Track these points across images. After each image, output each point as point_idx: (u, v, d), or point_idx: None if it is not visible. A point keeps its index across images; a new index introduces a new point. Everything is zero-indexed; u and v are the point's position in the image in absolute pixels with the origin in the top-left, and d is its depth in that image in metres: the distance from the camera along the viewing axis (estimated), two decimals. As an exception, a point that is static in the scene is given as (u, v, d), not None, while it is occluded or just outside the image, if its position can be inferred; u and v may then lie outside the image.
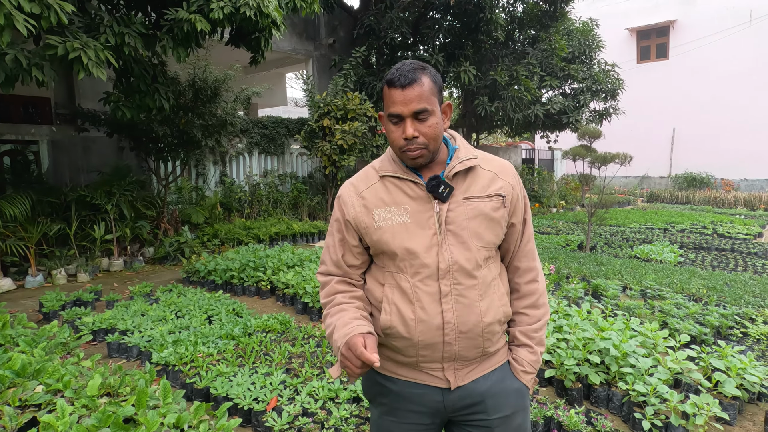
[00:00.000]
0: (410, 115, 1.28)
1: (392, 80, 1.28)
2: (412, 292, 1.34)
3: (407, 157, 1.33)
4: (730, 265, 7.04)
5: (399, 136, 1.31)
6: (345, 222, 1.43)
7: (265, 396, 3.00)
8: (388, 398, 1.43)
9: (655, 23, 20.37)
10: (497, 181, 1.39)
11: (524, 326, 1.46)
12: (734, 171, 19.03)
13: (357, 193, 1.42)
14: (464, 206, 1.35)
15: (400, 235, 1.34)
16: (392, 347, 1.40)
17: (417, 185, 1.36)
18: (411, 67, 1.29)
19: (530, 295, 1.47)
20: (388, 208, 1.36)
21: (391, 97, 1.29)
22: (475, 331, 1.34)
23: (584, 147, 8.16)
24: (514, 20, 12.16)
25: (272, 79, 15.26)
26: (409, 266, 1.34)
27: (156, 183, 8.80)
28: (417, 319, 1.33)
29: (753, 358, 3.09)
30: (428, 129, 1.30)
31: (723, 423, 2.86)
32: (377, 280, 1.43)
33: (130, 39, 4.53)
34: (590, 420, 2.75)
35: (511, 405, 1.40)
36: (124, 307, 4.80)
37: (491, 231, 1.37)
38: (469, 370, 1.39)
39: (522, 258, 1.47)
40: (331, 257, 1.47)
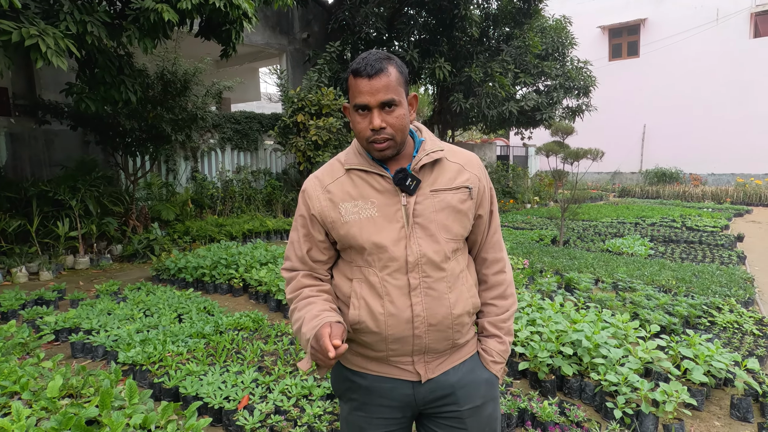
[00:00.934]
0: (377, 106, 1.25)
1: (358, 70, 1.25)
2: (381, 286, 1.31)
3: (374, 148, 1.30)
4: (698, 256, 7.23)
5: (365, 127, 1.28)
6: (310, 217, 1.39)
7: (237, 395, 2.93)
8: (357, 393, 1.40)
9: (626, 21, 20.80)
10: (464, 173, 1.38)
11: (492, 317, 1.46)
12: (702, 166, 19.61)
13: (322, 187, 1.38)
14: (431, 199, 1.33)
15: (368, 229, 1.31)
16: (361, 342, 1.37)
17: (384, 178, 1.33)
18: (377, 56, 1.26)
19: (498, 285, 1.47)
20: (355, 201, 1.34)
21: (357, 87, 1.25)
22: (444, 324, 1.33)
23: (557, 143, 8.26)
24: (489, 17, 12.23)
25: (245, 73, 15.01)
26: (377, 260, 1.32)
27: (124, 178, 8.55)
28: (386, 313, 1.31)
29: (719, 345, 3.16)
30: (395, 120, 1.27)
31: (691, 408, 2.92)
32: (345, 275, 1.40)
33: (93, 28, 4.35)
34: (563, 411, 2.76)
35: (481, 395, 1.40)
36: (89, 306, 4.64)
37: (459, 223, 1.36)
38: (439, 363, 1.38)
39: (489, 249, 1.47)
40: (296, 253, 1.43)
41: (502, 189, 15.74)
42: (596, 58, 19.65)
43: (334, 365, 1.46)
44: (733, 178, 18.92)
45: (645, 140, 20.95)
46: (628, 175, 21.42)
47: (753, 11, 18.23)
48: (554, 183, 16.18)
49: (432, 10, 11.15)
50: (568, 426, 2.57)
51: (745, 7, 18.32)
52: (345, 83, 11.20)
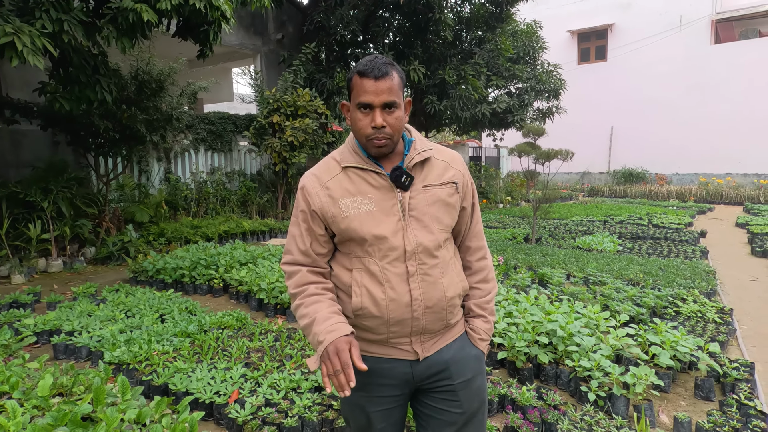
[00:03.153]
0: (380, 106, 1.37)
1: (365, 71, 1.36)
2: (382, 274, 1.43)
3: (373, 145, 1.41)
4: (664, 252, 7.55)
5: (367, 124, 1.39)
6: (311, 212, 1.48)
7: (227, 389, 2.98)
8: (359, 375, 1.48)
9: (594, 26, 21.42)
10: (450, 170, 1.52)
11: (477, 299, 1.60)
12: (667, 166, 20.34)
13: (321, 184, 1.48)
14: (424, 193, 1.46)
15: (368, 223, 1.42)
16: (363, 326, 1.48)
17: (379, 175, 1.45)
18: (383, 61, 1.38)
19: (481, 270, 1.62)
20: (353, 197, 1.44)
21: (363, 86, 1.36)
22: (439, 306, 1.46)
23: (529, 144, 8.51)
24: (462, 21, 12.45)
25: (218, 73, 14.88)
26: (377, 250, 1.43)
27: (96, 180, 8.40)
28: (387, 298, 1.42)
29: (684, 332, 3.38)
30: (394, 120, 1.40)
31: (659, 390, 3.12)
32: (344, 266, 1.50)
33: (69, 26, 4.31)
34: (541, 395, 2.91)
35: (471, 369, 1.53)
36: (68, 308, 4.58)
37: (448, 215, 1.50)
38: (434, 342, 1.50)
39: (473, 238, 1.62)
40: (299, 246, 1.52)
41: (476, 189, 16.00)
42: (565, 62, 20.18)
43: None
44: (697, 177, 19.70)
45: (612, 141, 21.62)
46: (596, 175, 22.05)
47: (714, 18, 19.05)
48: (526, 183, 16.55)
49: (406, 14, 11.29)
50: (546, 409, 2.72)
51: (707, 14, 19.12)
52: (320, 84, 11.33)
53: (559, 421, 2.61)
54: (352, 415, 1.56)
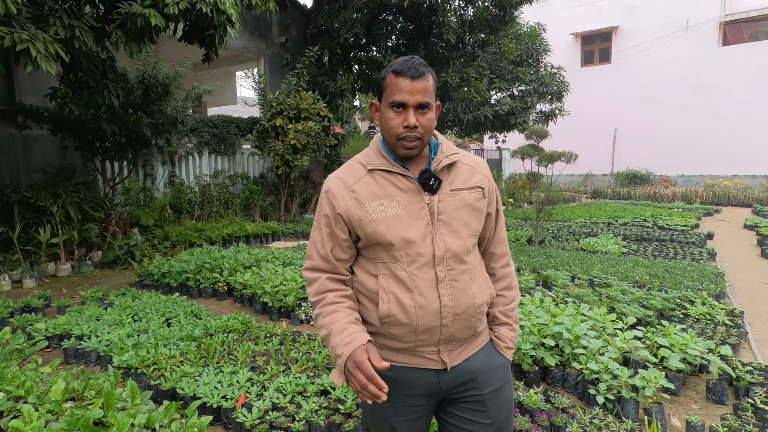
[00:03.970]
0: (414, 106, 1.36)
1: (402, 70, 1.35)
2: (410, 280, 1.39)
3: (402, 146, 1.39)
4: (670, 254, 7.52)
5: (399, 123, 1.37)
6: (335, 216, 1.45)
7: (233, 394, 2.99)
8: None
9: (598, 29, 21.40)
10: (476, 175, 1.51)
11: (502, 306, 1.57)
12: (672, 168, 20.27)
13: (346, 187, 1.45)
14: (452, 197, 1.44)
15: (396, 226, 1.39)
16: (389, 335, 1.44)
17: (407, 178, 1.42)
18: (419, 62, 1.37)
19: (506, 278, 1.60)
20: (380, 200, 1.41)
21: (398, 85, 1.35)
22: (468, 313, 1.43)
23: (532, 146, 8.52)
24: (465, 24, 12.46)
25: (222, 77, 14.94)
26: (405, 255, 1.40)
27: (102, 184, 8.45)
28: (417, 305, 1.39)
29: (694, 335, 3.36)
30: (427, 122, 1.38)
31: (670, 393, 3.11)
32: (369, 272, 1.47)
33: (80, 32, 4.34)
34: (548, 398, 2.91)
35: (499, 378, 1.50)
36: (77, 312, 4.61)
37: (476, 219, 1.48)
38: (461, 350, 1.47)
39: (497, 244, 1.60)
40: (319, 252, 1.49)
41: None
42: (569, 64, 20.18)
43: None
44: (703, 179, 19.62)
45: (616, 143, 21.57)
46: (600, 177, 22.01)
47: (722, 21, 18.97)
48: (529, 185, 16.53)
49: (409, 17, 11.32)
50: (554, 412, 2.71)
51: (715, 16, 19.05)
52: (323, 87, 11.36)
53: (567, 424, 2.60)
54: (376, 426, 1.52)
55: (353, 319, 1.42)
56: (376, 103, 1.45)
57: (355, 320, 1.42)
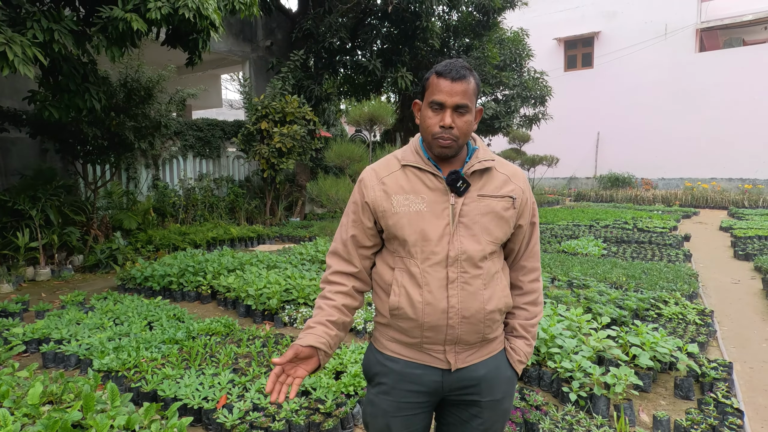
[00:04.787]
0: (452, 106, 1.39)
1: (444, 72, 1.39)
2: (421, 276, 1.43)
3: (437, 144, 1.42)
4: (647, 255, 7.68)
5: (436, 122, 1.41)
6: (363, 204, 1.51)
7: (215, 395, 3.01)
8: (388, 377, 1.50)
9: (581, 34, 21.74)
10: (509, 184, 1.50)
11: (523, 320, 1.58)
12: (653, 171, 20.63)
13: (378, 179, 1.50)
14: (478, 202, 1.45)
15: (416, 222, 1.43)
16: (398, 328, 1.49)
17: (436, 177, 1.46)
18: (462, 65, 1.41)
19: (532, 292, 1.60)
20: (406, 195, 1.45)
21: (438, 85, 1.39)
22: (477, 317, 1.44)
23: (515, 150, 8.65)
24: (449, 29, 12.61)
25: (207, 80, 14.90)
26: (420, 252, 1.43)
27: (84, 187, 8.38)
28: (424, 301, 1.42)
29: (664, 333, 3.47)
30: (463, 124, 1.41)
31: (640, 390, 3.20)
32: (388, 264, 1.52)
33: (59, 36, 4.34)
34: (524, 396, 2.98)
35: (502, 390, 1.52)
36: (56, 316, 4.58)
37: (500, 228, 1.48)
38: (469, 354, 1.49)
39: (529, 258, 1.60)
40: (341, 236, 1.57)
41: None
42: (552, 69, 20.45)
43: (368, 350, 1.62)
44: (682, 182, 20.01)
45: (599, 147, 21.90)
46: (583, 180, 22.32)
47: (698, 27, 19.45)
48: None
49: (394, 21, 11.42)
50: (528, 409, 2.79)
51: (691, 23, 19.50)
52: (308, 91, 11.40)
53: (540, 420, 2.68)
54: (374, 419, 1.55)
55: (324, 320, 1.47)
56: (419, 102, 1.50)
57: (326, 321, 1.47)
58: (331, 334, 1.47)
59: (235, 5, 5.98)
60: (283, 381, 1.37)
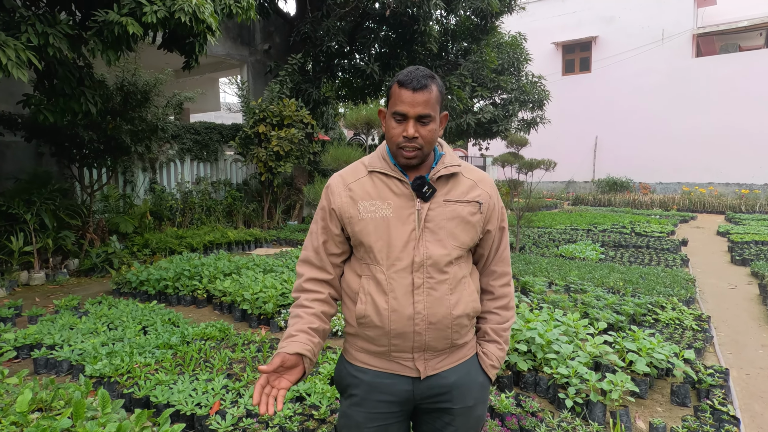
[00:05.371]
0: (414, 117, 1.38)
1: (405, 82, 1.37)
2: (387, 283, 1.42)
3: (402, 155, 1.42)
4: (645, 260, 7.68)
5: (399, 133, 1.40)
6: (330, 210, 1.50)
7: (208, 401, 2.98)
8: (359, 389, 1.48)
9: (578, 38, 21.83)
10: (476, 189, 1.50)
11: (495, 324, 1.57)
12: (651, 175, 20.69)
13: (345, 185, 1.50)
14: (443, 207, 1.45)
15: (381, 228, 1.42)
16: (365, 337, 1.47)
17: (402, 183, 1.45)
18: (424, 73, 1.39)
19: (503, 297, 1.59)
20: (373, 201, 1.45)
21: (400, 96, 1.38)
22: (444, 323, 1.43)
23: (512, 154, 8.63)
24: (448, 33, 12.61)
25: (205, 83, 14.89)
26: (385, 258, 1.42)
27: (80, 191, 8.35)
28: (390, 309, 1.41)
29: (661, 339, 3.46)
30: (427, 133, 1.40)
31: (636, 397, 3.18)
32: (355, 272, 1.50)
33: (54, 39, 4.32)
34: (520, 403, 2.96)
35: (474, 397, 1.51)
36: (49, 321, 4.54)
37: (466, 233, 1.47)
38: (438, 361, 1.47)
39: (499, 263, 1.59)
40: (312, 243, 1.54)
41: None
42: (550, 73, 20.52)
43: (339, 362, 1.59)
44: (680, 187, 20.05)
45: (597, 151, 21.94)
46: (581, 184, 22.34)
47: (695, 33, 19.55)
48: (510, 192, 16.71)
49: (393, 25, 11.43)
50: (524, 416, 2.76)
51: (688, 29, 19.60)
52: (306, 95, 11.40)
53: (536, 427, 2.66)
54: (348, 430, 1.53)
55: (306, 328, 1.45)
56: (384, 110, 1.49)
57: (307, 329, 1.45)
58: (315, 341, 1.44)
59: (232, 9, 5.98)
60: (269, 393, 1.35)
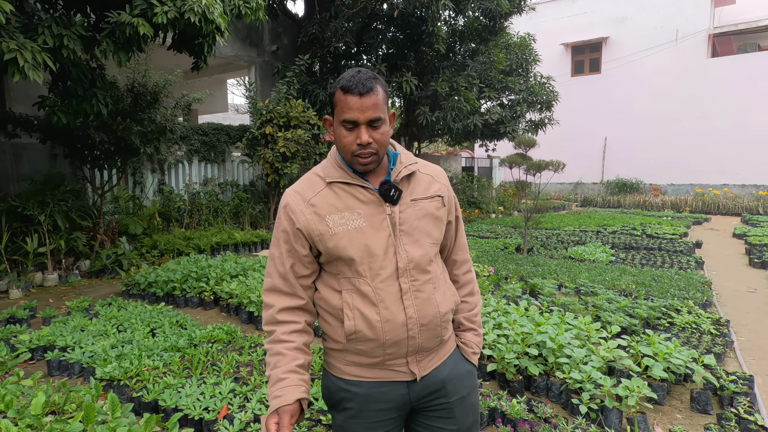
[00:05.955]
0: (365, 122, 1.33)
1: (349, 87, 1.32)
2: (375, 294, 1.37)
3: (358, 162, 1.37)
4: (657, 262, 7.57)
5: (352, 141, 1.35)
6: (294, 231, 1.41)
7: (215, 405, 2.97)
8: (354, 402, 1.44)
9: (588, 39, 21.66)
10: (435, 184, 1.51)
11: (466, 312, 1.61)
12: (662, 177, 20.48)
13: (305, 201, 1.42)
14: (413, 207, 1.43)
15: (357, 239, 1.37)
16: (357, 351, 1.42)
17: (367, 190, 1.41)
18: (367, 76, 1.34)
19: (468, 284, 1.63)
20: (341, 213, 1.39)
21: (347, 103, 1.32)
22: (434, 322, 1.43)
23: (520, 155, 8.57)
24: (455, 33, 12.57)
25: (213, 84, 14.95)
26: (368, 269, 1.38)
27: (91, 192, 8.39)
28: (383, 319, 1.37)
29: (678, 344, 3.39)
30: (380, 136, 1.36)
31: (653, 403, 3.12)
32: (332, 288, 1.44)
33: (69, 41, 4.34)
34: (531, 408, 2.92)
35: (466, 386, 1.52)
36: (62, 323, 4.56)
37: (437, 228, 1.49)
38: (429, 360, 1.47)
39: (458, 251, 1.63)
40: (278, 269, 1.45)
41: (468, 199, 16.05)
42: (559, 74, 20.40)
43: (324, 378, 1.54)
44: (692, 188, 19.82)
45: (606, 152, 21.77)
46: (590, 185, 22.18)
47: (711, 33, 19.27)
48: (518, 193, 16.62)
49: (400, 26, 11.40)
50: (536, 422, 2.72)
51: (704, 28, 19.34)
52: (313, 96, 11.40)
53: (550, 434, 2.61)
54: None
55: (294, 367, 1.38)
56: (330, 118, 1.43)
57: (296, 367, 1.38)
58: (305, 379, 1.40)
59: (241, 10, 5.98)
60: None
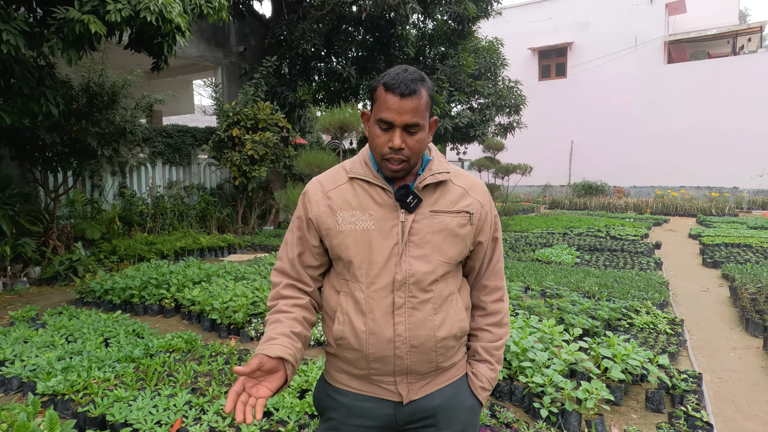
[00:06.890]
0: (401, 126, 1.24)
1: (392, 85, 1.22)
2: (365, 303, 1.29)
3: (387, 167, 1.29)
4: (620, 263, 7.72)
5: (384, 142, 1.26)
6: (307, 220, 1.37)
7: (169, 418, 2.83)
8: (337, 412, 1.37)
9: (554, 44, 22.14)
10: (466, 198, 1.36)
11: (486, 342, 1.44)
12: (625, 179, 21.05)
13: (323, 192, 1.36)
14: (430, 219, 1.31)
15: (362, 242, 1.29)
16: (344, 359, 1.35)
17: (385, 192, 1.32)
18: (413, 77, 1.24)
19: (496, 313, 1.46)
20: (353, 211, 1.31)
21: (386, 102, 1.23)
22: (427, 346, 1.30)
23: (489, 158, 8.64)
24: (425, 37, 12.61)
25: (179, 85, 14.59)
26: (364, 275, 1.30)
27: (44, 196, 8.03)
28: (368, 331, 1.29)
29: (636, 345, 3.42)
30: (415, 143, 1.26)
31: (611, 404, 3.13)
32: (334, 287, 1.38)
33: (9, 36, 4.11)
34: (494, 413, 2.88)
35: (461, 422, 1.38)
36: (2, 334, 4.28)
37: (455, 247, 1.34)
38: (423, 384, 1.35)
39: (491, 277, 1.46)
40: (288, 255, 1.41)
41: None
42: (527, 78, 20.71)
43: (318, 382, 1.47)
44: (653, 190, 20.43)
45: (573, 155, 22.23)
46: (557, 188, 22.59)
47: (666, 40, 20.04)
48: (489, 196, 16.73)
49: (369, 29, 11.36)
50: (498, 427, 2.68)
51: (660, 36, 20.06)
52: (282, 98, 11.23)
53: (511, 440, 2.57)
54: None
55: (287, 332, 1.30)
56: (368, 112, 1.34)
57: (289, 333, 1.30)
58: (297, 346, 1.30)
59: (203, 9, 5.81)
60: (245, 401, 1.16)
